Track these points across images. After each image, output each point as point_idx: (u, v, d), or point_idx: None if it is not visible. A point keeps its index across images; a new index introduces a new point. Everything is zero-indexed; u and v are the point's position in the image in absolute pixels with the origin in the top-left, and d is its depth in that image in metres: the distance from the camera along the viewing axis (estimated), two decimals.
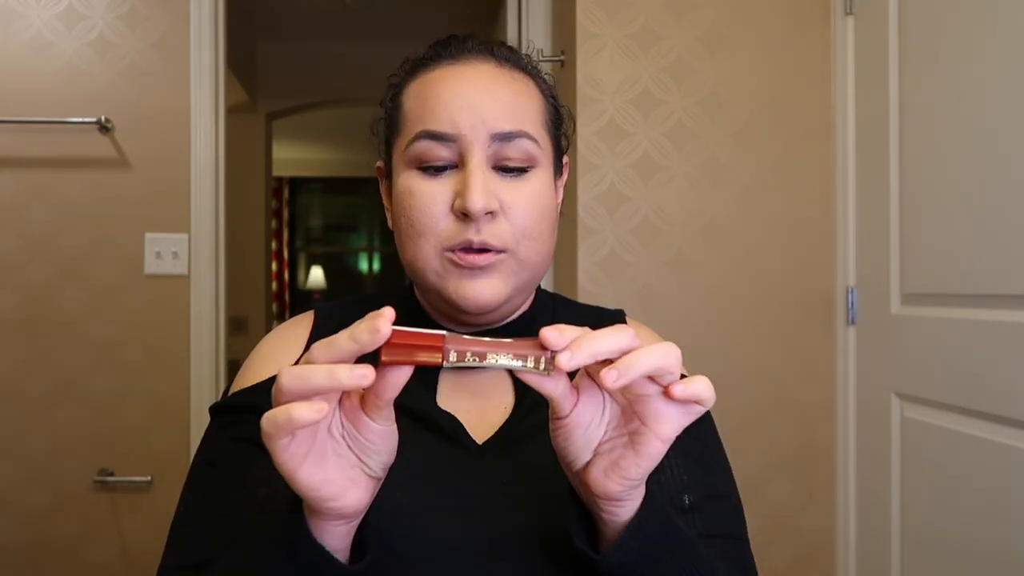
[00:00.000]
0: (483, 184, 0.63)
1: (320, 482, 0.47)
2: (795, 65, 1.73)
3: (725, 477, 0.73)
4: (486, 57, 0.69)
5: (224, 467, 0.67)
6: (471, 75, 0.67)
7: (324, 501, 0.48)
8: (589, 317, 0.80)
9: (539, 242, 0.67)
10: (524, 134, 0.66)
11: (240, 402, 0.69)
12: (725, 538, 0.68)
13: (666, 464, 0.69)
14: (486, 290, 0.64)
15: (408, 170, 0.67)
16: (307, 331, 0.75)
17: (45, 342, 1.94)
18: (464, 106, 0.64)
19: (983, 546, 1.27)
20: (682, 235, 1.70)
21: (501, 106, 0.65)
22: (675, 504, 0.67)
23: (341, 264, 7.07)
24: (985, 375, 1.26)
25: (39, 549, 1.94)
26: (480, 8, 3.18)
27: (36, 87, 1.94)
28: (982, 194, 1.27)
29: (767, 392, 1.71)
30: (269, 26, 3.65)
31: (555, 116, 0.72)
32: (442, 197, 0.64)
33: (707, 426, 0.75)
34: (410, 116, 0.67)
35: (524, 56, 0.73)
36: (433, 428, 0.66)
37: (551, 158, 0.70)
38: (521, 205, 0.65)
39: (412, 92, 0.69)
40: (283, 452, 0.45)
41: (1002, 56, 1.24)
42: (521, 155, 0.66)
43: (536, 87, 0.71)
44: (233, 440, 0.67)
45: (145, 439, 1.95)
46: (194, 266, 1.97)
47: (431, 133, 0.64)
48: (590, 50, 1.69)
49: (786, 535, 1.71)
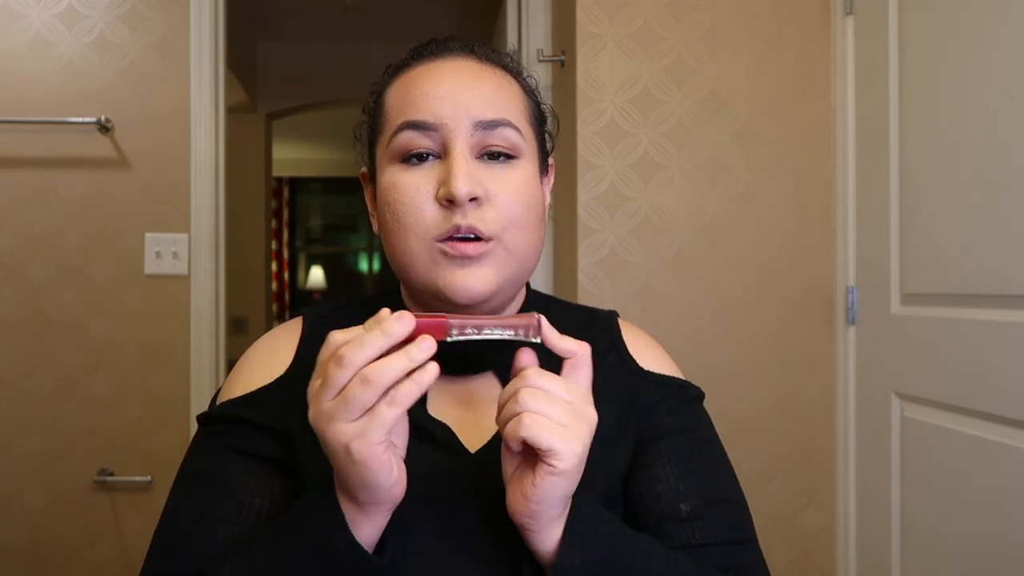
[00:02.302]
0: (467, 171, 0.62)
1: (389, 461, 0.52)
2: (795, 65, 1.73)
3: (725, 480, 0.72)
4: (467, 54, 0.69)
5: (214, 476, 0.66)
6: (452, 70, 0.67)
7: (392, 483, 0.52)
8: (581, 318, 0.79)
9: (526, 232, 0.66)
10: (507, 122, 0.65)
11: (231, 413, 0.69)
12: (727, 545, 0.67)
13: (662, 473, 0.69)
14: (476, 280, 0.63)
15: (392, 165, 0.66)
16: (296, 338, 0.74)
17: (45, 342, 1.94)
18: (446, 97, 0.64)
19: (983, 546, 1.27)
20: (682, 235, 1.70)
21: (483, 98, 0.65)
22: (672, 514, 0.67)
23: (341, 264, 7.07)
24: (985, 375, 1.26)
25: (39, 549, 1.94)
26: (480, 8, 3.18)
27: (36, 87, 1.94)
28: (982, 194, 1.27)
29: (767, 392, 1.71)
30: (269, 26, 3.65)
31: (538, 114, 0.72)
32: (426, 187, 0.64)
33: (705, 428, 0.74)
34: (392, 112, 0.67)
35: (506, 56, 0.72)
36: (425, 437, 0.66)
37: (535, 152, 0.70)
38: (506, 193, 0.64)
39: (394, 91, 0.69)
40: (377, 440, 0.50)
41: (1002, 56, 1.24)
42: (505, 143, 0.65)
43: (518, 85, 0.71)
44: (224, 450, 0.67)
45: (145, 439, 1.95)
46: (194, 266, 1.97)
47: (413, 123, 0.64)
48: (590, 50, 1.69)
49: (786, 535, 1.71)
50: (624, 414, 0.71)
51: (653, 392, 0.73)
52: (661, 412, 0.72)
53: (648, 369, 0.75)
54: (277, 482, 0.66)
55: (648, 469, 0.69)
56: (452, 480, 0.64)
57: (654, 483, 0.69)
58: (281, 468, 0.67)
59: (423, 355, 0.50)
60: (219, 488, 0.65)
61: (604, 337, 0.76)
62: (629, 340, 0.77)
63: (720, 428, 0.76)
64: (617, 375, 0.73)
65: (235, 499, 0.65)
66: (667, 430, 0.71)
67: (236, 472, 0.66)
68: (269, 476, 0.66)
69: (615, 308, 0.84)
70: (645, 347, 0.78)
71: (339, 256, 7.09)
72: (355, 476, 0.51)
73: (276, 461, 0.67)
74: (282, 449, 0.67)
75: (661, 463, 0.69)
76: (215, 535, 0.63)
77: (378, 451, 0.50)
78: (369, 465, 0.50)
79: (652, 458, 0.70)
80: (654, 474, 0.69)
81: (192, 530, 0.64)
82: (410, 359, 0.50)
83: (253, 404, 0.69)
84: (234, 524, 0.64)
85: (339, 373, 0.50)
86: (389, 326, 0.50)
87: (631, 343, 0.77)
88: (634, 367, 0.74)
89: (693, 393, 0.75)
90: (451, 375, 0.68)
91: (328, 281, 6.86)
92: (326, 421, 0.51)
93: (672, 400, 0.73)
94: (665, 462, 0.69)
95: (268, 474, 0.66)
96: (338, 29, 3.65)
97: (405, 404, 0.50)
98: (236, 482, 0.65)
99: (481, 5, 3.16)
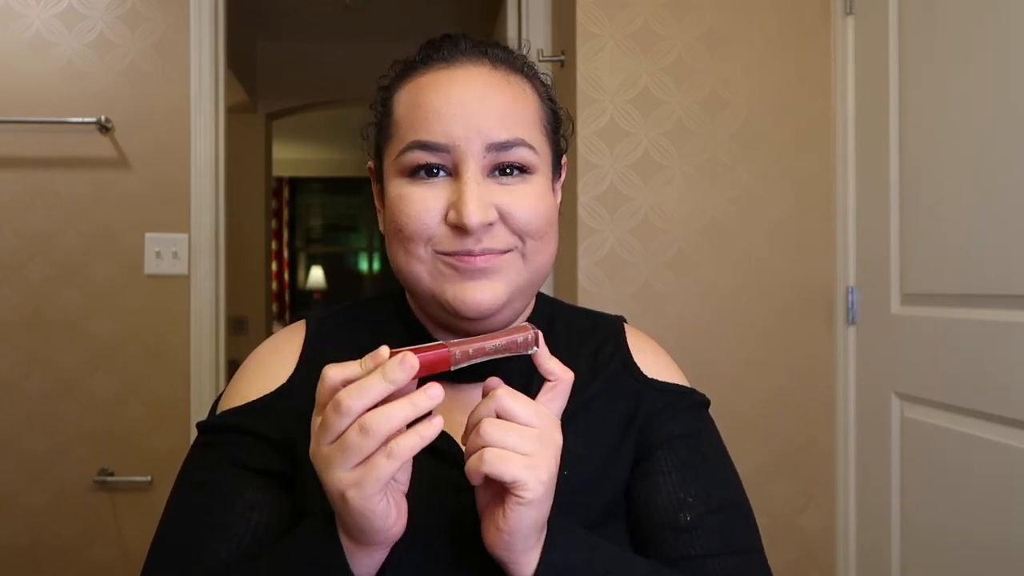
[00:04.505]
0: (478, 197, 0.61)
1: (386, 508, 0.50)
2: (795, 65, 1.73)
3: (728, 487, 0.70)
4: (480, 60, 0.66)
5: (212, 488, 0.65)
6: (464, 80, 0.64)
7: (389, 527, 0.51)
8: (587, 322, 0.78)
9: (543, 242, 0.65)
10: (520, 142, 0.63)
11: (231, 422, 0.67)
12: (730, 555, 0.66)
13: (661, 483, 0.68)
14: (485, 294, 0.62)
15: (400, 178, 0.64)
16: (299, 345, 0.72)
17: (45, 342, 1.94)
18: (458, 115, 0.62)
19: (983, 545, 1.27)
20: (682, 235, 1.70)
21: (496, 114, 0.63)
22: (672, 524, 0.66)
23: (341, 264, 7.07)
24: (985, 375, 1.26)
25: (39, 549, 1.94)
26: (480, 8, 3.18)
27: (36, 87, 1.94)
28: (982, 194, 1.27)
29: (767, 392, 1.71)
30: (269, 26, 3.65)
31: (553, 118, 0.70)
32: (435, 203, 0.62)
33: (707, 434, 0.73)
34: (402, 124, 0.65)
35: (520, 57, 0.70)
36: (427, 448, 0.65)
37: (549, 162, 0.68)
38: (520, 207, 0.63)
39: (403, 98, 0.66)
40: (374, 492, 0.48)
41: (1002, 56, 1.24)
42: (518, 161, 0.63)
43: (533, 90, 0.68)
44: (223, 461, 0.66)
45: (145, 439, 1.95)
46: (194, 266, 1.97)
47: (424, 144, 0.62)
48: (590, 50, 1.69)
49: (786, 535, 1.71)
50: (627, 421, 0.70)
51: (656, 399, 0.72)
52: (663, 419, 0.71)
53: (653, 377, 0.74)
54: (276, 495, 0.65)
55: (648, 478, 0.68)
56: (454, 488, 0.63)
57: (654, 492, 0.68)
58: (280, 480, 0.66)
59: (429, 404, 0.48)
60: (216, 500, 0.64)
61: (609, 343, 0.75)
62: (634, 347, 0.76)
63: (720, 428, 0.76)
64: (621, 382, 0.72)
65: (232, 513, 0.63)
66: (668, 437, 0.70)
67: (233, 485, 0.64)
68: (267, 490, 0.65)
69: (615, 308, 0.84)
70: (650, 354, 0.76)
71: (339, 256, 7.09)
72: (351, 520, 0.51)
73: (276, 474, 0.66)
74: (283, 460, 0.66)
75: (661, 472, 0.68)
76: (211, 549, 0.62)
77: (374, 501, 0.49)
78: (365, 514, 0.49)
79: (652, 466, 0.69)
80: (653, 483, 0.68)
81: (189, 543, 0.63)
82: (414, 408, 0.48)
83: (253, 413, 0.67)
84: (231, 538, 0.62)
85: (337, 420, 0.48)
86: (391, 372, 0.48)
87: (636, 350, 0.76)
88: (638, 374, 0.73)
89: (697, 399, 0.74)
90: (452, 383, 0.67)
91: (328, 281, 6.86)
92: (323, 465, 0.50)
93: (675, 407, 0.72)
94: (665, 471, 0.68)
95: (266, 488, 0.65)
96: (338, 29, 3.65)
97: (404, 457, 0.48)
98: (233, 495, 0.64)
99: (481, 5, 3.16)
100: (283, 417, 0.66)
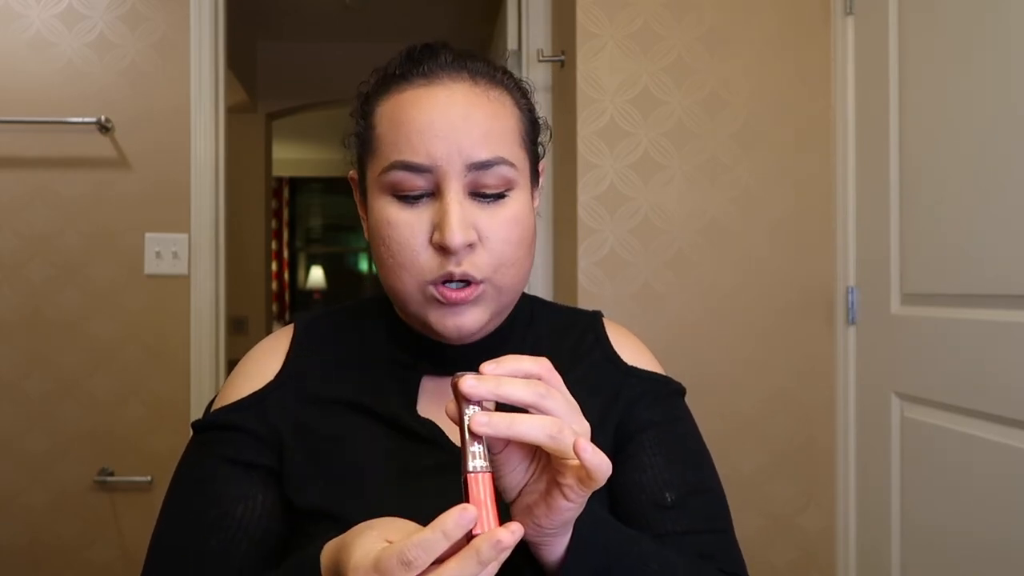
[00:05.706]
0: (460, 217, 0.62)
1: None
2: (795, 65, 1.73)
3: (707, 472, 0.74)
4: (460, 74, 0.66)
5: (204, 486, 0.68)
6: (446, 99, 0.64)
7: None
8: (565, 319, 0.81)
9: (516, 268, 0.67)
10: (501, 160, 0.65)
11: (222, 420, 0.70)
12: (707, 533, 0.70)
13: (647, 463, 0.71)
14: (468, 320, 0.65)
15: (384, 196, 0.66)
16: (287, 344, 0.75)
17: (45, 342, 1.94)
18: (439, 135, 0.63)
19: (983, 546, 1.27)
20: (682, 235, 1.70)
21: (478, 131, 0.64)
22: (657, 502, 0.69)
23: (341, 264, 7.07)
24: (985, 375, 1.26)
25: (39, 549, 1.94)
26: (480, 8, 3.18)
27: (36, 87, 1.94)
28: (982, 194, 1.27)
29: (767, 392, 1.71)
30: (269, 26, 3.65)
31: (531, 129, 0.72)
32: (420, 227, 0.64)
33: (686, 422, 0.77)
34: (384, 141, 0.66)
35: (500, 68, 0.70)
36: (411, 435, 0.67)
37: (528, 174, 0.70)
38: (499, 233, 0.65)
39: (385, 112, 0.67)
40: None
41: (1002, 56, 1.24)
42: (498, 181, 0.65)
43: (513, 102, 0.69)
44: (214, 459, 0.68)
45: (145, 439, 1.96)
46: (194, 266, 1.97)
47: (406, 164, 0.63)
48: (590, 50, 1.69)
49: (786, 535, 1.71)
50: (607, 407, 0.73)
51: (635, 386, 0.75)
52: (643, 406, 0.74)
53: (632, 365, 0.77)
54: (270, 489, 0.68)
55: (633, 459, 0.71)
56: (441, 475, 0.65)
57: (639, 472, 0.71)
58: (272, 475, 0.68)
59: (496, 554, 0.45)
60: (208, 498, 0.66)
61: (589, 334, 0.79)
62: (613, 337, 0.80)
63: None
64: (602, 370, 0.76)
65: (224, 508, 0.66)
66: (650, 422, 0.73)
67: (225, 481, 0.67)
68: (257, 484, 0.67)
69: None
70: (629, 345, 0.80)
71: (339, 256, 7.09)
72: None
73: (266, 468, 0.68)
74: (272, 455, 0.69)
75: (646, 453, 0.72)
76: (207, 546, 0.65)
77: None
78: None
79: (636, 448, 0.72)
80: (639, 463, 0.71)
81: (186, 543, 0.65)
82: (481, 563, 0.44)
83: (243, 409, 0.70)
84: (223, 533, 0.65)
85: None
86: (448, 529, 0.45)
87: (615, 340, 0.80)
88: (618, 362, 0.77)
89: (674, 388, 0.78)
90: (444, 375, 0.71)
91: (328, 281, 6.86)
92: None
93: (654, 394, 0.76)
94: (650, 453, 0.72)
95: (256, 482, 0.67)
96: (338, 29, 3.65)
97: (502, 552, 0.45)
98: (224, 492, 0.66)
99: (481, 5, 3.16)
100: (271, 412, 0.69)
